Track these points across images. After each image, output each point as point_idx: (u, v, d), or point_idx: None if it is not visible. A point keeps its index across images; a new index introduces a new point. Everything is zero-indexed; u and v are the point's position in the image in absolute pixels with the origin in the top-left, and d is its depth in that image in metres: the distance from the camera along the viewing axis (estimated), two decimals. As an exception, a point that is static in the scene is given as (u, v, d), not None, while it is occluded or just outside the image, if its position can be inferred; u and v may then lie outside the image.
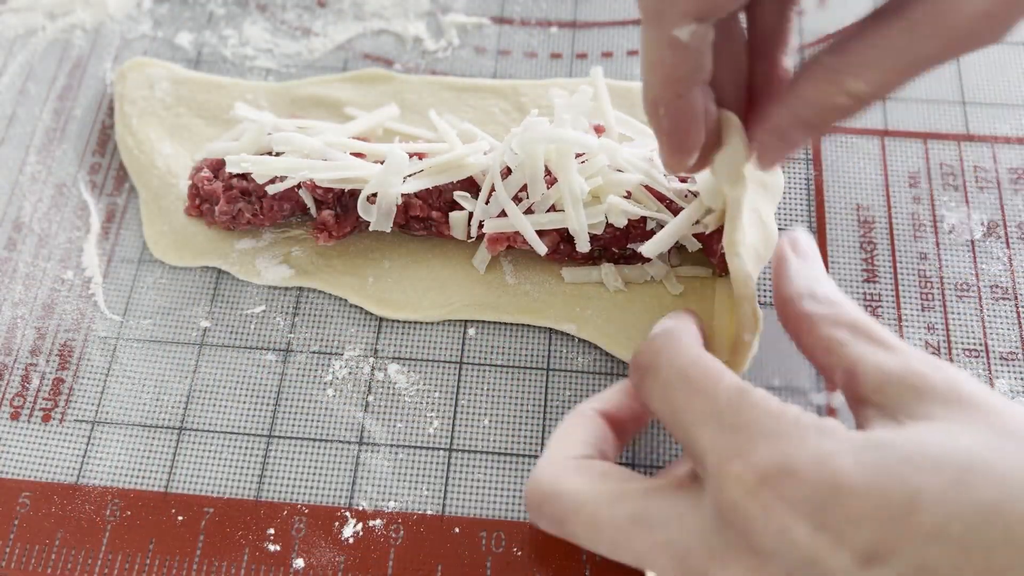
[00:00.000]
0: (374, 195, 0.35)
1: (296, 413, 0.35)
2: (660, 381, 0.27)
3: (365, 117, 0.39)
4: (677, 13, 0.25)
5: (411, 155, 0.36)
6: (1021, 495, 0.21)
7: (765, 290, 0.37)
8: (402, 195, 0.35)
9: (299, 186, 0.36)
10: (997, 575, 0.21)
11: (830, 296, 0.28)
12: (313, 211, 0.37)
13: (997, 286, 0.37)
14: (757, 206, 0.35)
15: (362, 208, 0.35)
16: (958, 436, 0.23)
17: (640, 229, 0.35)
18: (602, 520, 0.26)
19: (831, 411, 0.35)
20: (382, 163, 0.36)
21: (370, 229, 0.35)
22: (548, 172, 0.34)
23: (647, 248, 0.34)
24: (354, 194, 0.36)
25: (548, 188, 0.34)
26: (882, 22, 0.27)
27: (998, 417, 0.23)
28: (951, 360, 0.36)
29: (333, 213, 0.36)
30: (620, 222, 0.34)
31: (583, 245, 0.34)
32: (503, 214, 0.34)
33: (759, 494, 0.22)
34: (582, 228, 0.34)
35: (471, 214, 0.35)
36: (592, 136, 0.35)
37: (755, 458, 0.23)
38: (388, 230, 0.35)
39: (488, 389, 0.36)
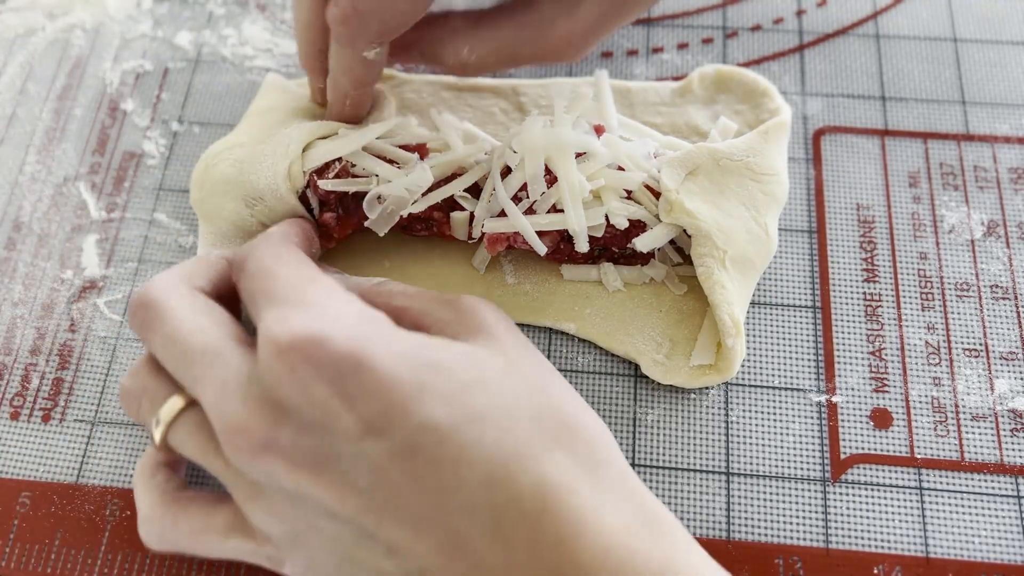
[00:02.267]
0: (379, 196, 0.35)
1: (296, 413, 0.35)
2: (247, 273, 0.29)
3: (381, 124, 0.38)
4: (366, 39, 0.32)
5: (411, 149, 0.36)
6: (502, 410, 0.26)
7: (765, 291, 0.37)
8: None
9: (307, 185, 0.36)
10: (459, 467, 0.25)
11: (359, 279, 0.33)
12: (316, 211, 0.36)
13: (997, 286, 0.37)
14: (758, 213, 0.35)
15: (368, 206, 0.35)
16: (481, 357, 0.27)
17: (641, 229, 0.35)
18: (178, 333, 0.28)
19: (832, 407, 0.35)
20: (390, 161, 0.35)
21: (366, 225, 0.35)
22: (548, 172, 0.34)
23: (641, 241, 0.34)
24: (357, 196, 0.36)
25: (548, 188, 0.34)
26: (509, 13, 0.35)
27: (512, 352, 0.28)
28: (951, 360, 0.36)
29: (335, 215, 0.36)
30: (621, 224, 0.34)
31: (582, 245, 0.34)
32: (503, 214, 0.34)
33: (290, 354, 0.25)
34: (582, 229, 0.34)
35: (472, 215, 0.35)
36: (593, 136, 0.35)
37: (295, 324, 0.25)
38: (381, 235, 0.35)
39: (488, 389, 0.36)
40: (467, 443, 0.25)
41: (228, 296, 0.31)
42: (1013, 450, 0.34)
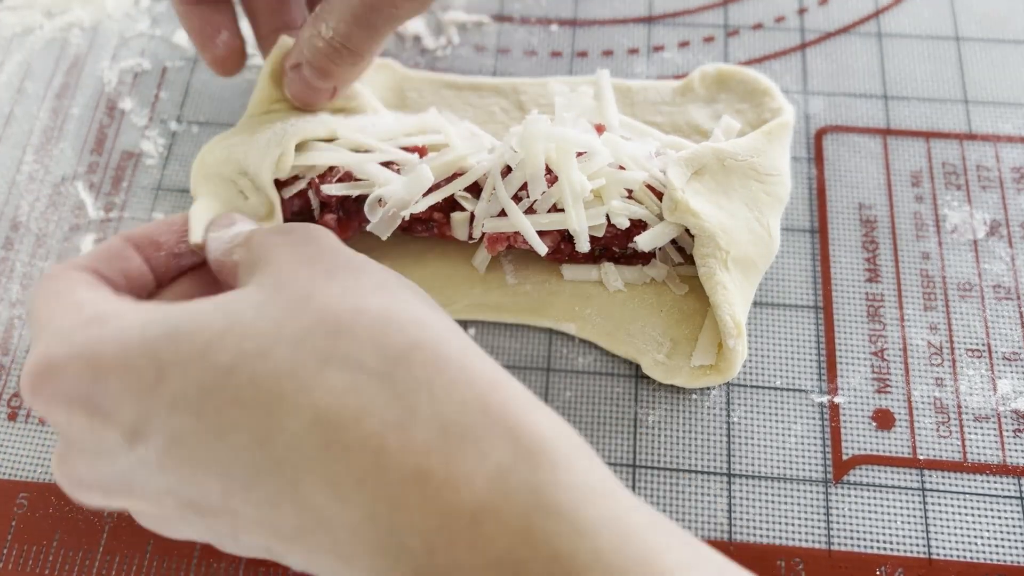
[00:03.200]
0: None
1: (295, 413, 0.35)
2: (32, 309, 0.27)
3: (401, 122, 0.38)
4: None
5: (411, 149, 0.36)
6: (254, 354, 0.22)
7: (767, 291, 0.37)
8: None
9: (309, 185, 0.35)
10: (228, 432, 0.21)
11: (231, 231, 0.30)
12: (317, 212, 0.36)
13: (1000, 286, 0.37)
14: (760, 213, 0.35)
15: (369, 209, 0.35)
16: (237, 300, 0.23)
17: (641, 229, 0.35)
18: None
19: (834, 408, 0.34)
20: (388, 164, 0.35)
21: (368, 229, 0.35)
22: (549, 171, 0.34)
23: (643, 239, 0.34)
24: (358, 198, 0.35)
25: (549, 187, 0.34)
26: None
27: (285, 274, 0.24)
28: (953, 361, 0.35)
29: (336, 217, 0.36)
30: (622, 223, 0.34)
31: (583, 245, 0.34)
32: (503, 214, 0.34)
33: (38, 393, 0.23)
34: (582, 228, 0.34)
35: (472, 215, 0.35)
36: (594, 135, 0.35)
37: (27, 367, 0.24)
38: (384, 238, 0.35)
39: (488, 389, 0.35)
40: (222, 406, 0.21)
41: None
42: (1016, 451, 0.34)
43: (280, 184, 0.35)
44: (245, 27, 0.39)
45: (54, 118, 0.43)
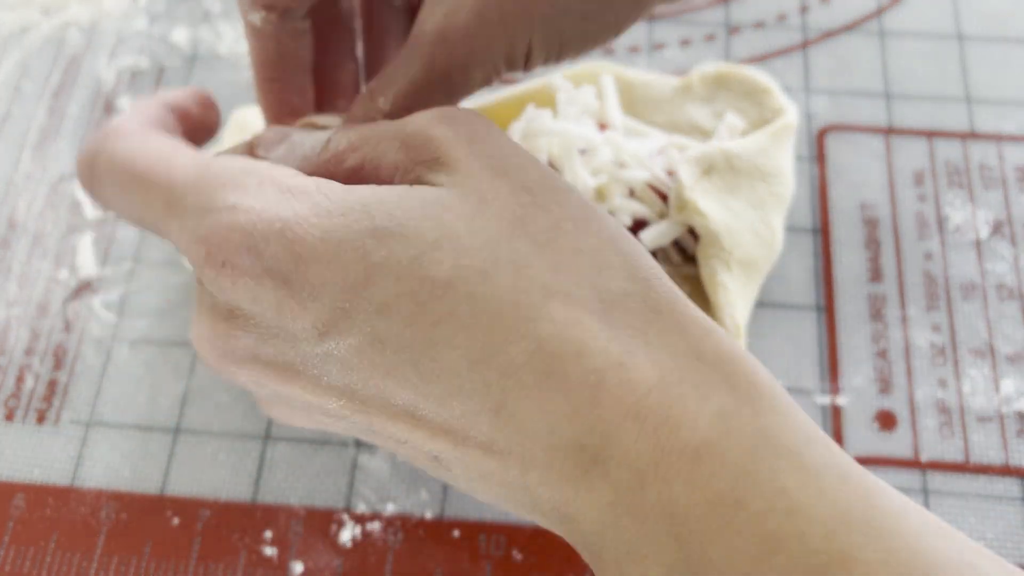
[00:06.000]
0: None
1: (293, 414, 0.35)
2: (107, 186, 0.26)
3: None
4: (247, 1, 0.28)
5: None
6: (473, 272, 0.21)
7: (769, 291, 0.37)
8: None
9: None
10: (440, 346, 0.21)
11: (315, 144, 0.26)
12: None
13: (1003, 286, 0.37)
14: (765, 214, 0.35)
15: None
16: (442, 206, 0.22)
17: (644, 228, 0.34)
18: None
19: (836, 409, 0.34)
20: None
21: None
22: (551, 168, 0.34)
23: (646, 237, 0.34)
24: None
25: None
26: (411, 33, 0.28)
27: (484, 182, 0.23)
28: (956, 361, 0.35)
29: None
30: (625, 222, 0.34)
31: None
32: None
33: (224, 272, 0.22)
34: None
35: None
36: (596, 131, 0.35)
37: (215, 240, 0.22)
38: None
39: (488, 390, 0.35)
40: (437, 320, 0.21)
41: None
42: (1019, 452, 0.33)
43: None
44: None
45: (51, 117, 0.43)
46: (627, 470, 0.20)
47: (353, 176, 0.24)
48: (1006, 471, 0.33)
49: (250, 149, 0.28)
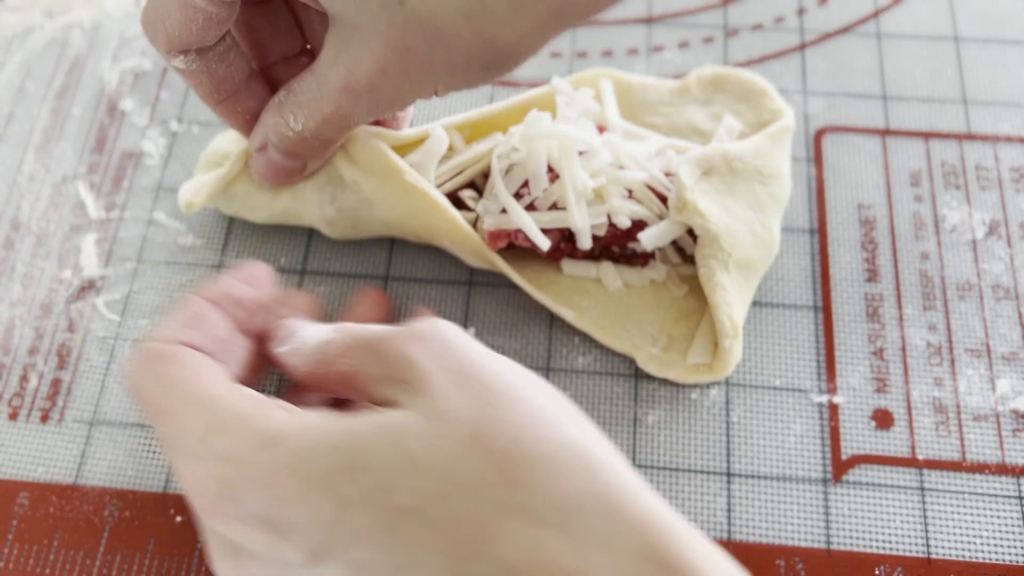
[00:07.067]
0: None
1: (295, 413, 0.35)
2: (144, 408, 0.27)
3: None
4: (162, 50, 0.30)
5: None
6: (434, 497, 0.22)
7: (766, 291, 0.37)
8: None
9: None
10: (414, 570, 0.22)
11: (316, 344, 0.28)
12: None
13: (999, 286, 0.37)
14: (763, 215, 0.35)
15: None
16: (402, 430, 0.23)
17: (642, 228, 0.35)
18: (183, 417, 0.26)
19: (833, 408, 0.34)
20: None
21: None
22: (550, 170, 0.34)
23: (645, 236, 0.34)
24: None
25: (550, 185, 0.34)
26: (314, 68, 0.30)
27: (442, 400, 0.24)
28: (952, 361, 0.35)
29: None
30: (623, 223, 0.34)
31: (585, 242, 0.34)
32: (505, 212, 0.34)
33: (216, 515, 0.24)
34: (585, 225, 0.34)
35: (478, 217, 0.35)
36: (595, 133, 0.35)
37: (202, 489, 0.25)
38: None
39: (488, 389, 0.35)
40: (411, 546, 0.22)
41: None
42: (1014, 451, 0.34)
43: None
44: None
45: (54, 118, 0.43)
46: None
47: (343, 379, 0.27)
48: (1002, 469, 0.33)
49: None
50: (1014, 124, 0.41)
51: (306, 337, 0.29)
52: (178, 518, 0.33)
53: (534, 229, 0.33)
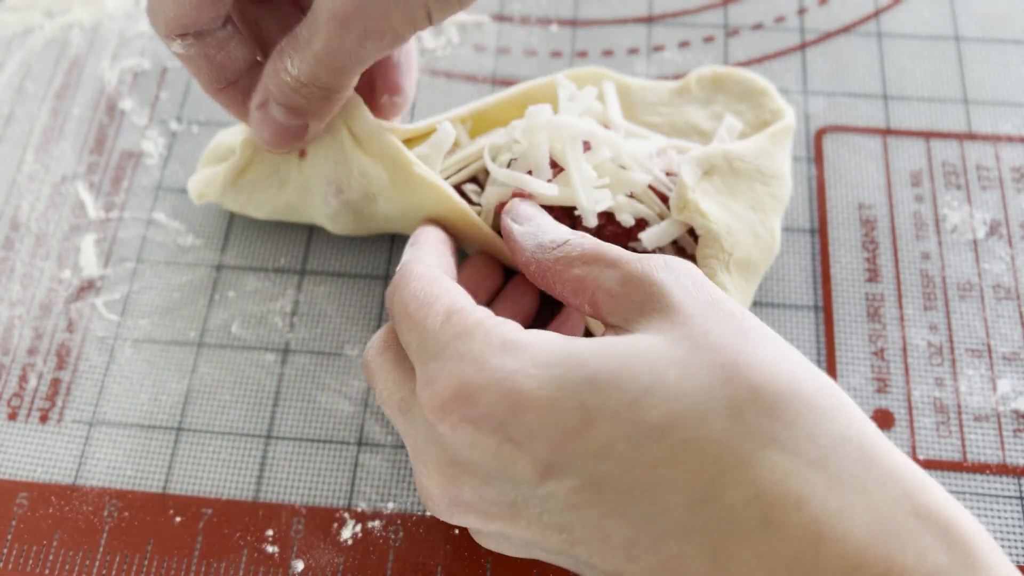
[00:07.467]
0: None
1: (295, 414, 0.35)
2: (395, 319, 0.28)
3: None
4: (161, 33, 0.31)
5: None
6: (688, 417, 0.22)
7: (766, 291, 0.37)
8: None
9: None
10: (659, 489, 0.22)
11: (556, 239, 0.29)
12: None
13: (1000, 286, 0.37)
14: (764, 216, 0.35)
15: None
16: (655, 353, 0.23)
17: (643, 228, 0.35)
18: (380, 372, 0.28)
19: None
20: None
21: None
22: (554, 165, 0.34)
23: (647, 236, 0.34)
24: None
25: (553, 178, 0.34)
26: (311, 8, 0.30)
27: (697, 328, 0.24)
28: (953, 361, 0.35)
29: None
30: (627, 221, 0.34)
31: (591, 220, 0.33)
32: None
33: (445, 418, 0.24)
34: (590, 204, 0.33)
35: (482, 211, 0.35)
36: (598, 126, 0.35)
37: (439, 387, 0.24)
38: None
39: (488, 389, 0.35)
40: (655, 464, 0.22)
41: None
42: (1015, 451, 0.34)
43: None
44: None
45: (54, 118, 0.43)
46: None
47: (576, 284, 0.26)
48: (1003, 470, 0.33)
49: (499, 209, 0.31)
50: (1015, 124, 0.41)
51: (546, 226, 0.29)
52: (177, 518, 0.33)
53: (536, 181, 0.33)
